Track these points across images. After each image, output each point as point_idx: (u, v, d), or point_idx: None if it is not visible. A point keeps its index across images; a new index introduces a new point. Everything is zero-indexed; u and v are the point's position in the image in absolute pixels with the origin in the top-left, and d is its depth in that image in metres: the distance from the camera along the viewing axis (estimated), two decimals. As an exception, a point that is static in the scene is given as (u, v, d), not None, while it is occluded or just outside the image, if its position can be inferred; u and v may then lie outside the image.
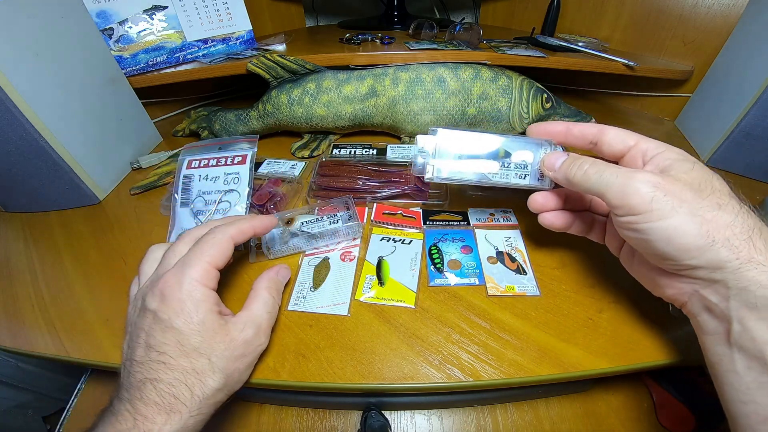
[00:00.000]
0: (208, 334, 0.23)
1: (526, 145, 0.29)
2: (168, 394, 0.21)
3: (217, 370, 0.23)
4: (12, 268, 0.36)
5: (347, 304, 0.30)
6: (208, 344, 0.23)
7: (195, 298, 0.23)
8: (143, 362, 0.22)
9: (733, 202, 0.20)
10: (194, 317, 0.23)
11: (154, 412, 0.21)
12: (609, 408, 0.37)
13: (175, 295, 0.23)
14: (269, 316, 0.27)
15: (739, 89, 0.46)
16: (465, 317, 0.30)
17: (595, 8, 0.63)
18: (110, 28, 0.47)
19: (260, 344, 0.26)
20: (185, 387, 0.21)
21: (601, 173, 0.22)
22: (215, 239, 0.25)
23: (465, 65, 0.49)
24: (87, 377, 0.42)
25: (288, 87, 0.48)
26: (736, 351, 0.19)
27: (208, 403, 0.22)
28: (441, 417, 0.37)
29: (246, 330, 0.25)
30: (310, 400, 0.38)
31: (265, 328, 0.26)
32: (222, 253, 0.25)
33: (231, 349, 0.23)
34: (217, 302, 0.24)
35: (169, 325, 0.22)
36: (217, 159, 0.40)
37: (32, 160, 0.37)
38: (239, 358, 0.24)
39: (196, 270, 0.24)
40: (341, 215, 0.36)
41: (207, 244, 0.25)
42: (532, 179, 0.29)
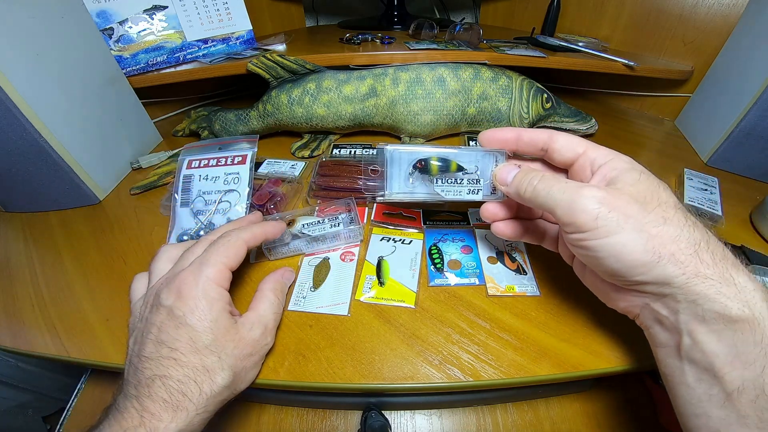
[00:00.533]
0: (220, 332, 0.23)
1: (477, 157, 0.28)
2: (177, 391, 0.21)
3: (226, 368, 0.23)
4: (12, 268, 0.36)
5: (347, 304, 0.31)
6: (219, 342, 0.23)
7: (210, 297, 0.23)
8: (153, 358, 0.22)
9: (679, 215, 0.20)
10: (208, 315, 0.23)
11: (161, 409, 0.21)
12: (609, 408, 0.38)
13: (191, 292, 0.23)
14: (275, 316, 0.28)
15: (739, 89, 0.46)
16: (465, 317, 0.30)
17: (595, 8, 0.63)
18: (110, 28, 0.47)
19: (266, 344, 0.26)
20: (194, 384, 0.22)
21: (550, 189, 0.22)
22: (230, 241, 0.26)
23: (465, 65, 0.49)
24: (87, 377, 0.42)
25: (288, 87, 0.48)
26: (687, 363, 0.19)
27: (215, 401, 0.23)
28: (441, 417, 0.37)
29: (254, 330, 0.25)
30: (310, 400, 0.38)
31: (271, 329, 0.27)
32: (236, 255, 0.26)
33: (240, 348, 0.24)
34: (229, 302, 0.25)
35: (183, 322, 0.22)
36: (217, 159, 0.40)
37: (32, 160, 0.37)
38: (247, 357, 0.24)
39: (212, 270, 0.24)
40: (342, 218, 0.36)
41: (223, 246, 0.26)
42: (485, 192, 0.28)
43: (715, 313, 0.18)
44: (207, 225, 0.37)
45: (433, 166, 0.28)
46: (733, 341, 0.17)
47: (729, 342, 0.17)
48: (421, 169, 0.29)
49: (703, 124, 0.53)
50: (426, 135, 0.51)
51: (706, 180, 0.44)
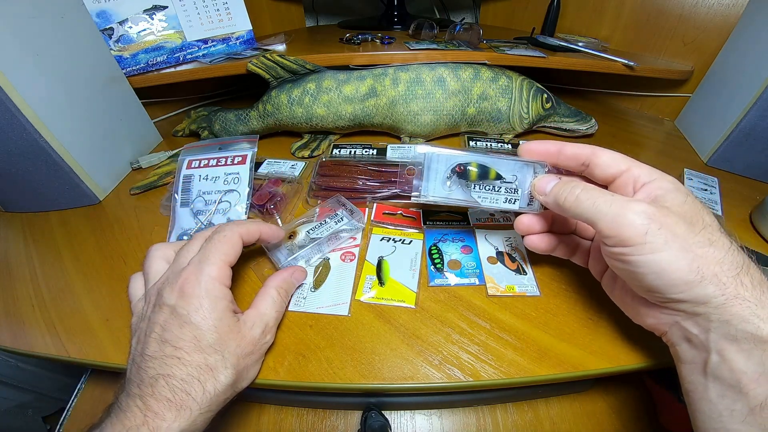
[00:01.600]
0: (224, 331, 0.23)
1: (517, 166, 0.28)
2: (180, 390, 0.21)
3: (229, 366, 0.23)
4: (12, 268, 0.36)
5: (347, 304, 0.30)
6: (223, 341, 0.23)
7: (213, 296, 0.23)
8: (157, 357, 0.22)
9: (724, 239, 0.20)
10: (212, 314, 0.23)
11: (165, 408, 0.21)
12: (609, 408, 0.38)
13: (195, 291, 0.23)
14: (276, 315, 0.27)
15: (739, 89, 0.46)
16: (465, 317, 0.30)
17: (595, 8, 0.63)
18: (110, 28, 0.47)
19: (266, 342, 0.26)
20: (198, 383, 0.22)
21: (594, 200, 0.22)
22: (226, 236, 0.26)
23: (465, 65, 0.49)
24: (87, 377, 0.42)
25: (288, 87, 0.48)
26: (712, 380, 0.19)
27: (218, 400, 0.23)
28: (441, 417, 0.37)
29: (255, 328, 0.25)
30: (310, 400, 0.38)
31: (272, 327, 0.27)
32: (233, 250, 0.26)
33: (242, 346, 0.24)
34: (232, 300, 0.25)
35: (187, 321, 0.22)
36: (217, 159, 0.41)
37: (32, 160, 0.37)
38: (248, 356, 0.24)
39: (214, 268, 0.24)
40: (342, 212, 0.36)
41: (219, 242, 0.25)
42: (521, 203, 0.29)
43: (747, 333, 0.18)
44: (207, 225, 0.37)
45: (472, 172, 0.29)
46: (762, 360, 0.18)
47: (758, 360, 0.18)
48: (460, 173, 0.29)
49: (703, 124, 0.53)
50: (426, 135, 0.51)
51: (706, 180, 0.44)
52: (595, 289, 0.32)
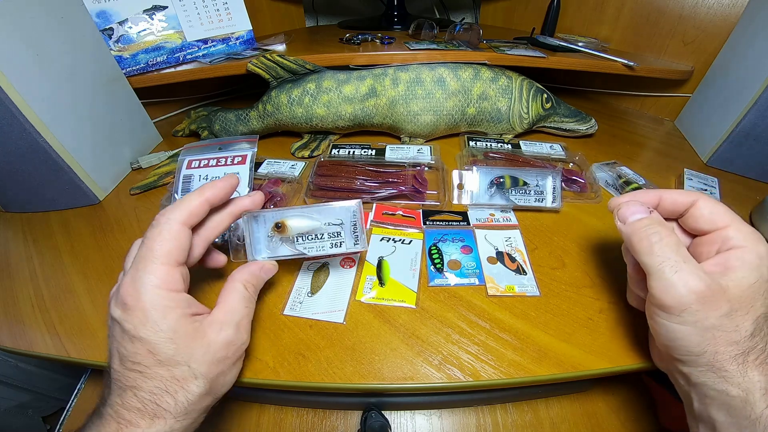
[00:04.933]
0: (183, 341, 0.21)
1: (537, 174, 0.39)
2: (149, 401, 0.20)
3: (199, 376, 0.21)
4: (12, 268, 0.36)
5: (344, 312, 0.30)
6: (185, 351, 0.21)
7: (160, 306, 0.21)
8: (120, 371, 0.21)
9: (750, 325, 0.20)
10: (162, 325, 0.21)
11: (137, 416, 0.20)
12: (609, 408, 0.38)
13: (137, 304, 0.21)
14: (247, 311, 0.25)
15: (739, 89, 0.46)
16: (465, 317, 0.30)
17: (595, 8, 0.63)
18: (110, 28, 0.47)
19: (242, 343, 0.24)
20: (167, 394, 0.20)
21: (663, 259, 0.21)
22: (161, 231, 0.22)
23: (465, 65, 0.49)
24: (87, 377, 0.42)
25: (288, 87, 0.48)
26: (699, 422, 0.22)
27: (195, 408, 0.21)
28: (441, 417, 0.37)
29: (224, 331, 0.23)
30: (310, 400, 0.38)
31: (245, 325, 0.24)
32: (176, 244, 0.22)
33: (211, 353, 0.22)
34: (187, 304, 0.22)
35: (135, 336, 0.20)
36: (217, 159, 0.40)
37: (32, 160, 0.37)
38: (221, 361, 0.22)
39: (152, 276, 0.21)
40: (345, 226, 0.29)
41: (154, 241, 0.22)
42: (547, 201, 0.38)
43: (723, 395, 0.20)
44: (207, 225, 0.37)
45: (506, 181, 0.39)
46: (730, 413, 0.20)
47: (727, 413, 0.20)
48: (498, 184, 0.39)
49: (703, 124, 0.53)
50: (426, 135, 0.51)
51: (706, 180, 0.44)
52: (595, 290, 0.32)
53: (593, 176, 0.45)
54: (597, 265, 0.34)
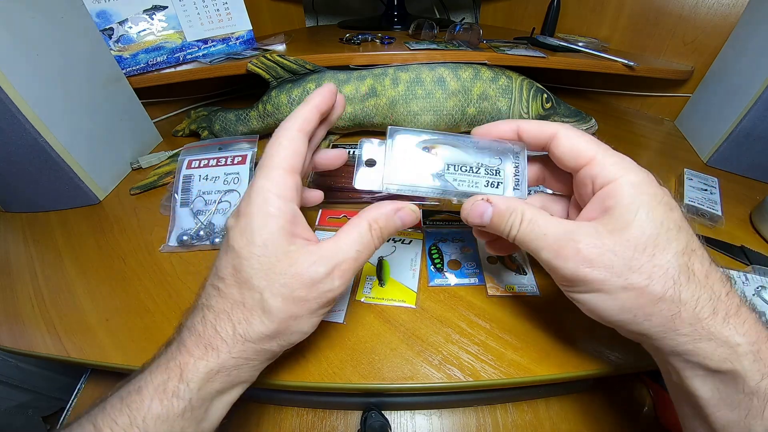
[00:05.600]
0: (269, 261, 0.19)
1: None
2: (210, 325, 0.19)
3: (267, 311, 0.19)
4: (12, 268, 0.36)
5: (344, 312, 0.30)
6: (265, 275, 0.19)
7: (263, 212, 0.19)
8: (206, 286, 0.20)
9: (672, 271, 0.18)
10: (257, 238, 0.19)
11: (194, 343, 0.19)
12: (609, 408, 0.37)
13: (246, 209, 0.20)
14: (357, 255, 0.21)
15: (739, 89, 0.46)
16: (465, 317, 0.30)
17: (595, 8, 0.63)
18: (110, 28, 0.47)
19: (330, 289, 0.20)
20: (228, 321, 0.19)
21: (534, 236, 0.20)
22: (279, 141, 0.21)
23: (465, 65, 0.49)
24: (87, 377, 0.42)
25: (288, 87, 0.48)
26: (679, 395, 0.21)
27: (254, 348, 0.19)
28: (441, 417, 0.37)
29: (317, 266, 0.19)
30: (310, 400, 0.38)
31: (346, 271, 0.20)
32: (293, 151, 0.21)
33: (290, 286, 0.19)
34: (292, 218, 0.20)
35: (230, 246, 0.19)
36: (217, 159, 0.41)
37: (32, 160, 0.37)
38: (299, 302, 0.19)
39: (266, 179, 0.20)
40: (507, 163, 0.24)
41: (272, 148, 0.21)
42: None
43: (695, 363, 0.18)
44: (207, 225, 0.37)
45: None
46: (716, 387, 0.18)
47: (712, 386, 0.18)
48: None
49: (703, 124, 0.53)
50: (426, 135, 0.51)
51: (706, 180, 0.44)
52: (595, 289, 0.32)
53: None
54: (597, 265, 0.34)
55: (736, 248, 0.36)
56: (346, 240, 0.21)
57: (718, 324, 0.17)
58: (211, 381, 0.19)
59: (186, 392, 0.18)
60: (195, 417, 0.19)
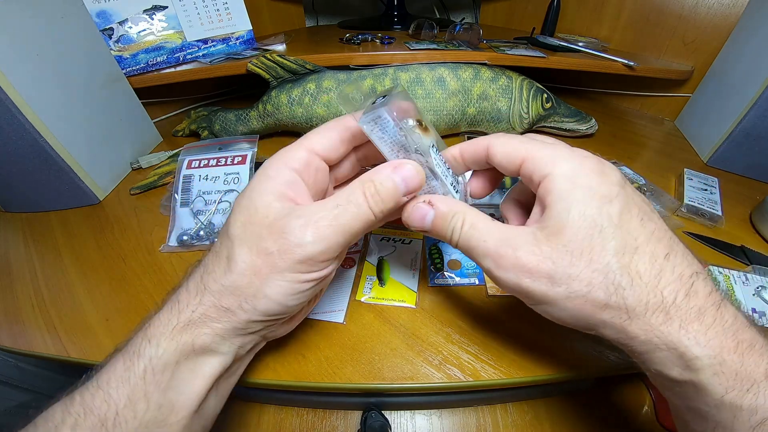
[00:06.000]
0: (249, 213, 0.19)
1: None
2: (189, 278, 0.20)
3: (231, 259, 0.18)
4: (12, 268, 0.36)
5: (344, 312, 0.30)
6: (242, 225, 0.19)
7: (265, 175, 0.20)
8: None
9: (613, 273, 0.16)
10: (248, 192, 0.20)
11: (167, 300, 0.19)
12: (609, 408, 0.37)
13: (257, 173, 0.20)
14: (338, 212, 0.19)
15: (739, 89, 0.46)
16: (465, 317, 0.30)
17: (595, 8, 0.63)
18: (110, 28, 0.47)
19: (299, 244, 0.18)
20: (203, 270, 0.19)
21: (475, 245, 0.19)
22: (326, 125, 0.21)
23: (465, 65, 0.49)
24: (87, 377, 0.42)
25: (288, 87, 0.48)
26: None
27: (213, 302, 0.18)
28: (441, 417, 0.37)
29: (290, 217, 0.18)
30: (310, 400, 0.38)
31: (321, 226, 0.18)
32: (324, 139, 0.21)
33: (259, 234, 0.18)
34: (290, 184, 0.19)
35: (234, 204, 0.20)
36: (217, 159, 0.40)
37: (32, 160, 0.37)
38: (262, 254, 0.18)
39: (286, 151, 0.20)
40: None
41: (313, 130, 0.21)
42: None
43: (657, 372, 0.17)
44: (207, 225, 0.37)
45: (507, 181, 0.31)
46: (683, 395, 0.17)
47: (680, 395, 0.17)
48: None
49: (703, 124, 0.53)
50: (426, 135, 0.51)
51: (706, 180, 0.44)
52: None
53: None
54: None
55: (736, 248, 0.36)
56: (334, 198, 0.19)
57: (673, 332, 0.16)
58: (170, 338, 0.18)
59: (146, 350, 0.17)
60: (158, 382, 0.17)
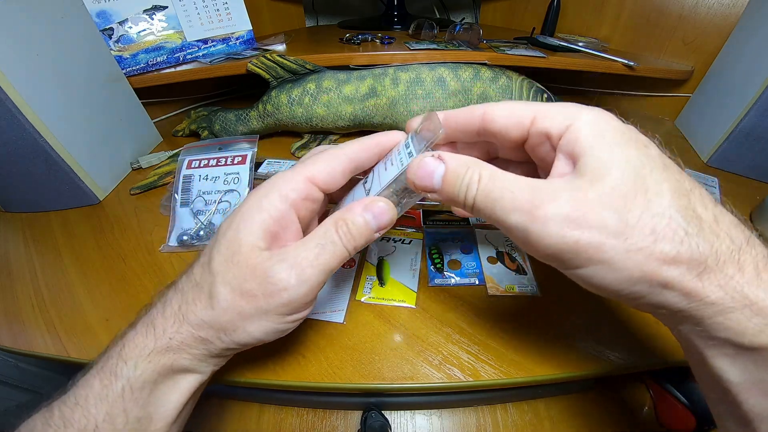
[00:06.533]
0: (232, 248, 0.19)
1: None
2: (166, 303, 0.19)
3: (213, 297, 0.18)
4: (12, 268, 0.36)
5: (344, 312, 0.30)
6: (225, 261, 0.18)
7: (257, 204, 0.19)
8: None
9: (677, 217, 0.14)
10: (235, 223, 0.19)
11: (142, 321, 0.19)
12: (609, 408, 0.37)
13: (248, 195, 0.20)
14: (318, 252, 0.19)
15: (739, 89, 0.46)
16: (465, 317, 0.30)
17: (595, 8, 0.63)
18: (110, 28, 0.47)
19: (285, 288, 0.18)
20: (181, 299, 0.19)
21: (499, 196, 0.16)
22: (325, 152, 0.21)
23: (465, 65, 0.49)
24: (87, 377, 0.42)
25: (288, 87, 0.48)
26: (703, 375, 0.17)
27: (191, 333, 0.18)
28: (441, 417, 0.37)
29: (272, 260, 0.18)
30: (310, 400, 0.38)
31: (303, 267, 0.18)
32: (327, 169, 0.20)
33: (241, 277, 0.18)
34: (280, 219, 0.19)
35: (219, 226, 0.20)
36: (217, 159, 0.41)
37: (32, 160, 0.37)
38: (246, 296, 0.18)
39: (282, 176, 0.19)
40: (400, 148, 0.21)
41: (310, 157, 0.21)
42: None
43: (723, 339, 0.14)
44: (207, 225, 0.37)
45: None
46: (747, 368, 0.14)
47: (742, 368, 0.14)
48: None
49: (703, 124, 0.53)
50: (426, 135, 0.51)
51: (706, 180, 0.44)
52: (595, 289, 0.32)
53: (593, 176, 0.45)
54: (597, 265, 0.34)
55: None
56: (311, 238, 0.19)
57: (750, 284, 0.14)
58: (148, 361, 0.18)
59: (124, 370, 0.18)
60: (136, 399, 0.18)
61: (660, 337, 0.28)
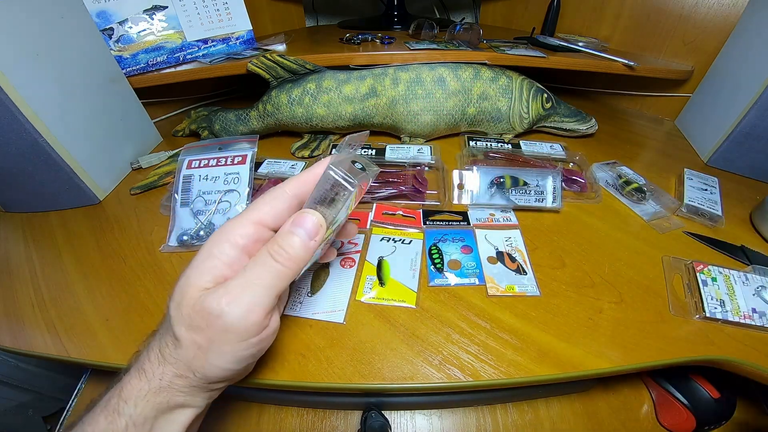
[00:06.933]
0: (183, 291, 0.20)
1: (536, 174, 0.39)
2: (150, 348, 0.21)
3: (176, 338, 0.20)
4: (12, 268, 0.36)
5: (344, 312, 0.30)
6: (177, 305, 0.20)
7: (208, 252, 0.21)
8: None
9: None
10: (188, 270, 0.21)
11: (134, 364, 0.21)
12: (609, 408, 0.37)
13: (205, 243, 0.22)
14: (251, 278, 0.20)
15: (740, 89, 0.46)
16: (465, 317, 0.30)
17: (595, 8, 0.63)
18: (110, 28, 0.47)
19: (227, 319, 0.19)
20: (159, 343, 0.21)
21: None
22: (269, 193, 0.22)
23: (465, 65, 0.49)
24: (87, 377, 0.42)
25: (288, 87, 0.48)
26: None
27: (173, 372, 0.20)
28: (441, 417, 0.37)
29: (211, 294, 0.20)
30: (310, 400, 0.38)
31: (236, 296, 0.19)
32: (272, 211, 0.22)
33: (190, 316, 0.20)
34: (229, 264, 0.20)
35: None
36: (217, 159, 0.40)
37: (32, 160, 0.37)
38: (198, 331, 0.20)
39: (229, 224, 0.21)
40: None
41: (258, 200, 0.22)
42: (548, 200, 0.39)
43: None
44: (207, 225, 0.37)
45: (507, 181, 0.39)
46: None
47: None
48: (498, 184, 0.39)
49: (703, 124, 0.53)
50: (426, 135, 0.51)
51: (706, 180, 0.44)
52: (596, 290, 0.32)
53: (593, 176, 0.45)
54: (597, 265, 0.34)
55: (736, 248, 0.36)
56: (248, 268, 0.20)
57: None
58: (146, 401, 0.20)
59: (125, 409, 0.20)
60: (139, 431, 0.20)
61: (660, 337, 0.28)
